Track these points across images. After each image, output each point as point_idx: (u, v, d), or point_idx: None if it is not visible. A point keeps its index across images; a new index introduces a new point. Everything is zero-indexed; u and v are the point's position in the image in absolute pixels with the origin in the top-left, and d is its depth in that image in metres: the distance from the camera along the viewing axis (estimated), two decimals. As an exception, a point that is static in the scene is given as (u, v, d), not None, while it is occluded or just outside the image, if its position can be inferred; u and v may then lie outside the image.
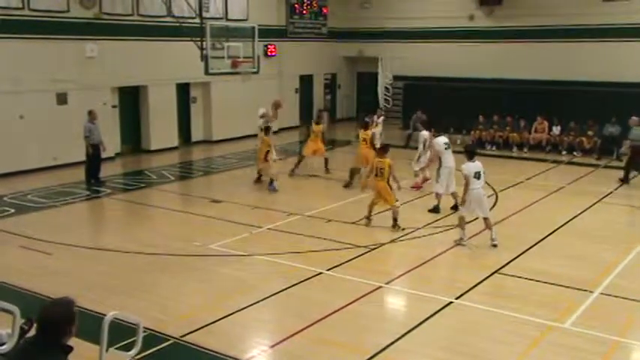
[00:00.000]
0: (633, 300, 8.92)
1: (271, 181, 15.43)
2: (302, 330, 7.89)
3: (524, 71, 23.36)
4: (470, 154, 11.38)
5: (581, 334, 7.81)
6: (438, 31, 26.04)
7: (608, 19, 22.35)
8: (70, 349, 3.82)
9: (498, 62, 24.09)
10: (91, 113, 16.13)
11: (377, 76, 27.08)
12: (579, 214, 13.51)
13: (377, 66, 27.00)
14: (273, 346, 7.59)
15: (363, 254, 10.88)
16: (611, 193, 15.58)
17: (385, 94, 27.32)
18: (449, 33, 25.79)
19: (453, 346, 7.60)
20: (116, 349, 5.56)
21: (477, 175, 11.03)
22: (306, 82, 27.98)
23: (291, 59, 26.27)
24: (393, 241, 11.65)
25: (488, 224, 11.25)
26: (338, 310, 8.49)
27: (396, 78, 27.00)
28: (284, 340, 7.69)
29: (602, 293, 9.12)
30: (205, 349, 7.43)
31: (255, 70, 21.19)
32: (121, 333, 5.61)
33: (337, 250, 11.00)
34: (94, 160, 16.18)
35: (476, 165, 11.18)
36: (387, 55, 26.84)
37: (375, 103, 27.66)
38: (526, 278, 9.72)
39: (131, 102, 21.05)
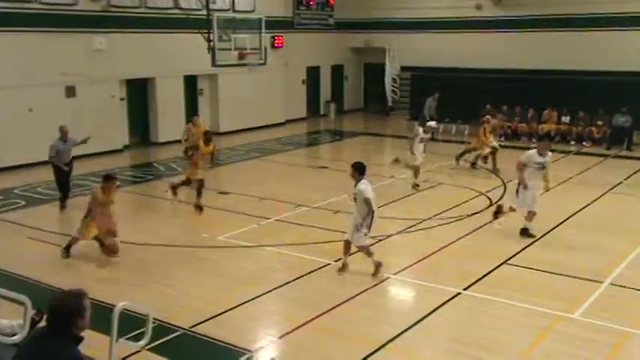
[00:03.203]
0: (642, 290, 8.90)
1: None
2: (310, 321, 7.91)
3: (533, 61, 23.19)
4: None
5: (591, 324, 7.79)
6: (445, 21, 25.90)
7: (619, 8, 22.13)
8: (81, 339, 3.85)
9: (506, 52, 23.90)
10: (61, 130, 13.27)
11: (384, 66, 27.00)
12: (588, 204, 13.45)
13: (384, 57, 26.91)
14: (281, 337, 7.62)
15: (370, 245, 10.86)
16: (620, 183, 15.50)
17: (393, 85, 27.24)
18: (456, 23, 25.64)
19: (461, 336, 7.60)
20: (126, 339, 5.59)
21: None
22: (313, 73, 27.94)
23: (298, 50, 26.21)
24: (400, 232, 11.65)
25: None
26: (346, 301, 8.51)
27: (403, 69, 26.90)
28: (292, 330, 7.72)
29: (611, 284, 9.09)
30: (214, 339, 7.47)
31: (262, 61, 21.18)
32: (131, 323, 5.65)
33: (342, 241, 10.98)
34: (63, 182, 13.44)
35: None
36: (394, 45, 26.75)
37: (382, 94, 27.67)
38: (535, 269, 9.70)
39: (139, 94, 21.09)
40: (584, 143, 21.06)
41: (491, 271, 9.57)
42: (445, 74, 24.73)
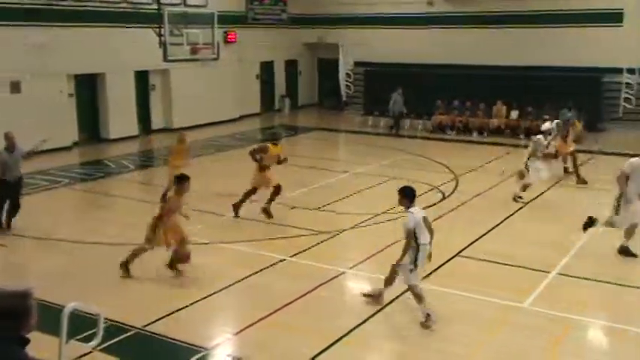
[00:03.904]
0: (588, 279, 9.18)
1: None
2: (266, 317, 7.90)
3: (484, 56, 23.64)
4: None
5: (540, 313, 8.01)
6: (398, 17, 26.14)
7: (566, 5, 22.81)
8: (27, 341, 3.75)
9: (458, 48, 24.30)
10: (6, 138, 11.29)
11: (338, 62, 27.10)
12: (537, 196, 13.79)
13: (338, 52, 27.01)
14: (237, 334, 7.59)
15: (326, 240, 10.93)
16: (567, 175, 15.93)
17: (347, 81, 27.38)
18: (409, 19, 25.91)
19: (416, 328, 7.71)
20: (77, 340, 5.48)
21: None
22: (267, 68, 27.82)
23: (252, 46, 26.04)
24: (355, 227, 11.73)
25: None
26: (302, 296, 8.53)
27: (357, 64, 27.06)
28: (248, 327, 7.69)
29: (559, 273, 9.36)
30: (169, 338, 7.38)
31: (215, 56, 21.00)
32: (82, 324, 5.53)
33: (301, 236, 11.02)
34: (10, 200, 11.44)
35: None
36: (347, 41, 26.86)
37: (336, 90, 27.79)
38: (486, 260, 9.91)
39: (88, 90, 20.63)
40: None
41: (444, 263, 9.72)
42: (399, 70, 24.97)
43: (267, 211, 12.00)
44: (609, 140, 20.65)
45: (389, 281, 8.12)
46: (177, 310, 8.08)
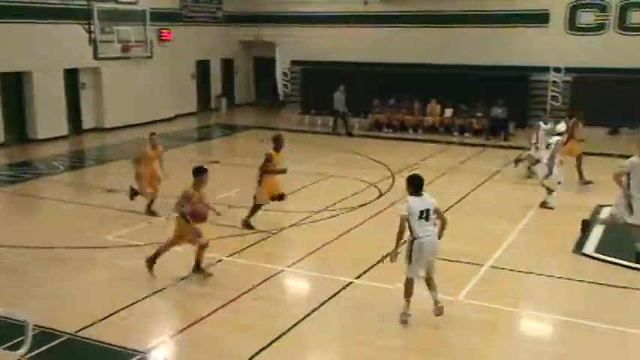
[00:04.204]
0: (519, 272, 9.48)
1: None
2: (204, 317, 7.80)
3: (419, 55, 23.99)
4: None
5: (473, 305, 8.20)
6: (334, 15, 26.24)
7: (495, 6, 23.48)
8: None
9: (393, 47, 24.58)
10: None
11: (275, 60, 27.03)
12: (471, 192, 14.14)
13: (274, 51, 26.93)
14: (174, 335, 7.46)
15: (264, 239, 10.88)
16: (498, 171, 16.41)
17: (283, 79, 27.33)
18: (345, 17, 26.04)
19: (355, 323, 7.77)
20: (4, 349, 5.25)
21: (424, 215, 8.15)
22: (203, 67, 27.45)
23: (187, 44, 25.65)
24: (294, 225, 11.72)
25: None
26: (240, 295, 8.46)
27: (294, 63, 27.04)
28: (185, 328, 7.57)
29: (491, 266, 9.62)
30: (103, 342, 7.17)
31: (148, 55, 20.57)
32: (9, 332, 5.31)
33: (239, 235, 10.93)
34: None
35: None
36: (284, 39, 26.81)
37: (273, 88, 27.72)
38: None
39: (15, 89, 19.82)
40: (465, 134, 22.10)
41: (382, 259, 9.82)
42: (336, 68, 25.10)
43: (248, 224, 11.40)
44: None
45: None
46: (112, 314, 7.87)
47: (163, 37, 24.15)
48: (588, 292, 8.90)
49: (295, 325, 7.66)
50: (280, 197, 11.59)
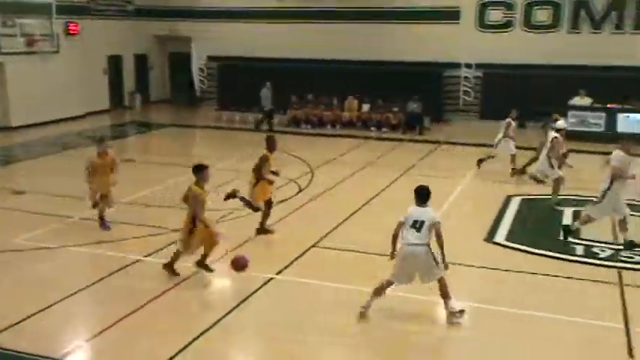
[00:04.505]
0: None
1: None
2: (120, 320, 7.57)
3: (336, 51, 24.15)
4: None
5: (393, 297, 8.33)
6: (250, 11, 26.07)
7: (409, 3, 24.06)
8: None
9: (310, 43, 24.60)
10: None
11: (190, 56, 26.55)
12: (388, 185, 14.42)
13: (190, 46, 26.45)
14: (89, 340, 7.20)
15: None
16: (414, 165, 16.82)
17: (200, 75, 26.91)
18: (261, 13, 25.93)
19: (276, 320, 7.75)
20: None
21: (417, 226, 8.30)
22: (115, 62, 26.57)
23: (97, 38, 24.70)
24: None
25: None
26: (158, 296, 8.27)
27: (210, 58, 26.66)
28: (101, 332, 7.32)
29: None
30: (12, 350, 6.83)
31: (55, 49, 19.70)
32: None
33: (156, 235, 10.67)
34: None
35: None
36: (200, 34, 26.38)
37: (189, 85, 27.25)
38: (342, 249, 10.19)
39: None
40: (382, 129, 22.51)
41: (302, 254, 9.87)
42: (253, 64, 24.93)
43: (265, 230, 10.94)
44: (454, 131, 22.09)
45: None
46: (23, 320, 7.50)
47: (71, 31, 23.17)
48: (499, 279, 9.25)
49: (216, 323, 7.57)
50: (270, 203, 10.94)
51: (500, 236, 10.98)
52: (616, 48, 21.56)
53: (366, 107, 23.32)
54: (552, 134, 13.24)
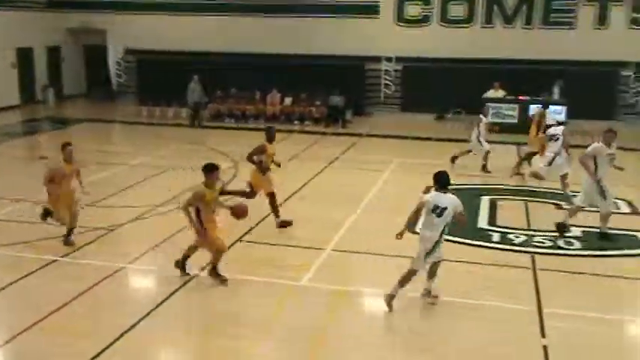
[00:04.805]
0: (359, 253, 9.88)
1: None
2: (35, 324, 7.26)
3: (258, 45, 23.98)
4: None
5: (318, 289, 8.43)
6: (169, 3, 25.50)
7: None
8: None
9: (232, 36, 24.37)
10: None
11: (107, 49, 25.70)
12: (312, 178, 14.48)
13: (106, 39, 25.62)
14: (2, 345, 6.87)
15: (102, 236, 10.35)
16: (337, 158, 16.97)
17: (117, 69, 26.11)
18: (181, 5, 25.42)
19: (203, 317, 7.66)
20: None
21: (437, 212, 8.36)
22: (25, 55, 25.33)
23: (4, 30, 23.50)
24: (134, 220, 11.27)
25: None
26: (76, 296, 7.99)
27: (129, 52, 25.90)
28: (13, 337, 7.00)
29: (333, 250, 9.93)
30: None
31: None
32: None
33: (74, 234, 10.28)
34: None
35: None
36: (116, 27, 25.57)
37: (106, 78, 26.43)
38: (267, 243, 10.16)
39: None
40: (305, 122, 22.58)
41: (229, 249, 9.75)
42: (174, 58, 24.40)
43: (284, 223, 10.85)
44: (375, 124, 22.42)
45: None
46: None
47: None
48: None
49: (137, 322, 7.39)
50: (252, 194, 10.87)
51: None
52: (526, 42, 22.52)
53: (288, 101, 23.32)
54: (559, 128, 13.01)
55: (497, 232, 10.93)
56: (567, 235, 10.57)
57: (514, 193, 13.46)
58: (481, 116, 15.30)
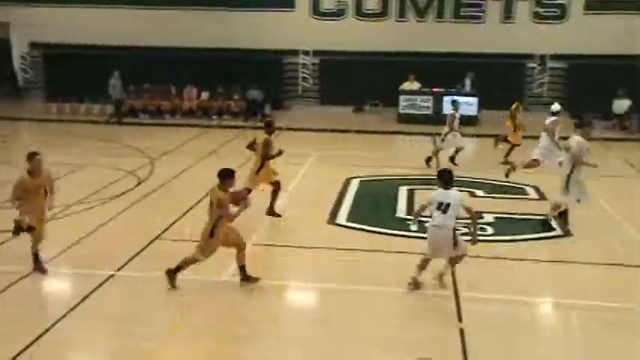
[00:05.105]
0: (281, 246, 9.88)
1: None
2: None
3: (173, 39, 23.35)
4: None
5: (238, 283, 8.36)
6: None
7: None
8: None
9: (145, 30, 23.58)
10: None
11: (10, 43, 24.42)
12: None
13: (8, 32, 24.32)
14: None
15: (10, 240, 9.84)
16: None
17: (22, 64, 24.88)
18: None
19: (120, 318, 7.44)
20: None
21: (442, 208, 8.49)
22: None
23: None
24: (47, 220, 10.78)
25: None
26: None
27: (35, 46, 24.70)
28: None
29: (255, 244, 9.82)
30: None
31: None
32: None
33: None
34: None
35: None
36: (20, 20, 24.31)
37: (11, 74, 25.17)
38: (186, 240, 9.96)
39: None
40: (224, 117, 22.33)
41: (144, 248, 9.53)
42: (84, 52, 23.42)
43: (274, 213, 11.04)
44: (294, 117, 22.44)
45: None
46: None
47: None
48: (342, 258, 9.57)
49: (53, 325, 7.10)
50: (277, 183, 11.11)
51: (342, 218, 11.37)
52: (439, 35, 23.12)
53: (205, 95, 22.99)
54: (551, 118, 13.19)
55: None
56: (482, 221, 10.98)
57: (430, 182, 13.81)
58: (452, 111, 15.13)
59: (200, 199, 12.15)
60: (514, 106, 15.91)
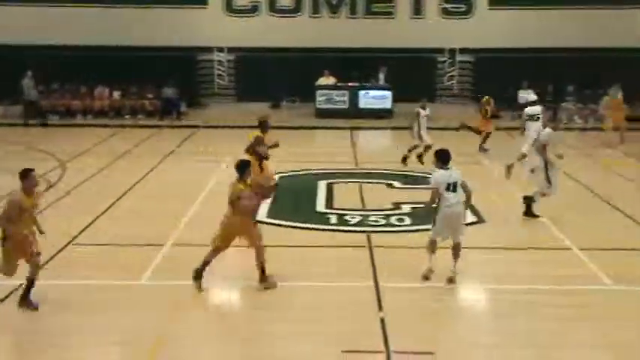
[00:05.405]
0: (202, 246, 9.73)
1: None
2: None
3: (82, 37, 22.31)
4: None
5: (158, 287, 8.20)
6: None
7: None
8: None
9: (52, 27, 22.21)
10: None
11: None
12: (147, 174, 14.02)
13: None
14: None
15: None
16: (173, 151, 16.58)
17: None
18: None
19: (31, 330, 7.15)
20: None
21: (451, 188, 8.28)
22: None
23: None
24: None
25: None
26: None
27: None
28: None
29: (173, 244, 9.70)
30: None
31: None
32: None
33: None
34: None
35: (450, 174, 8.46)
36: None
37: None
38: (101, 244, 9.71)
39: None
40: (138, 116, 21.79)
41: (57, 253, 9.17)
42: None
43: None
44: (211, 115, 22.18)
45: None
46: None
47: None
48: (268, 255, 9.54)
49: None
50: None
51: (261, 214, 11.31)
52: (352, 31, 23.42)
53: (116, 94, 22.34)
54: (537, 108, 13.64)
55: (334, 214, 11.34)
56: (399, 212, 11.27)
57: (348, 176, 14.04)
58: (419, 109, 14.88)
59: (115, 200, 11.89)
60: (484, 99, 16.51)
